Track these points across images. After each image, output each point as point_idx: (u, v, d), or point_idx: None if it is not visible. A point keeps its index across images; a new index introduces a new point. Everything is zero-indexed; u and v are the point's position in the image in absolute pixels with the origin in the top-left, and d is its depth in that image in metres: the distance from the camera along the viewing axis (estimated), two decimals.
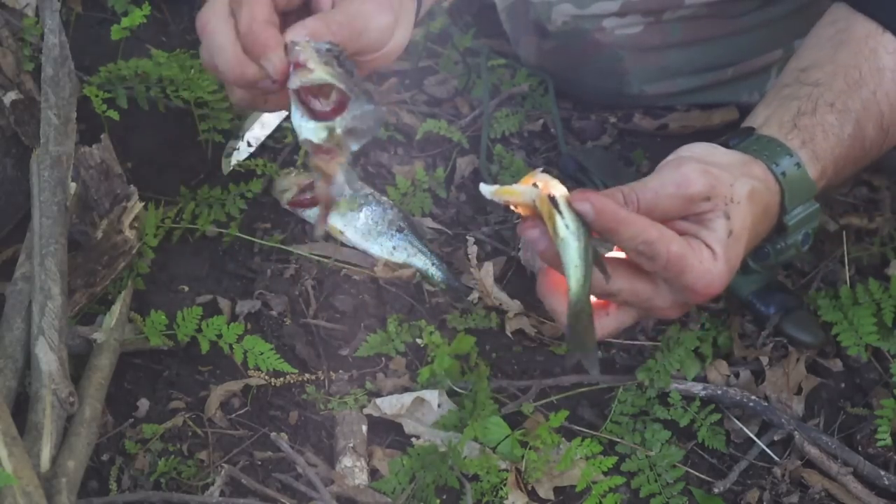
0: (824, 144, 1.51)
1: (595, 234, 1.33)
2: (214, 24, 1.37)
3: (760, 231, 1.46)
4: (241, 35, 1.35)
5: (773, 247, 1.51)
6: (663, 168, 1.41)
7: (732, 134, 1.53)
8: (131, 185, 1.74)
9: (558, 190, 1.32)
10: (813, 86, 1.54)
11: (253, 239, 1.80)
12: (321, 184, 1.30)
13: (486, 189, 1.34)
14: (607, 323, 1.42)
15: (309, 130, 1.28)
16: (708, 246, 1.38)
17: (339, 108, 1.29)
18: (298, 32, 1.33)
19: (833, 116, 1.52)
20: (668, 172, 1.40)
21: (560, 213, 1.32)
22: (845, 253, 1.82)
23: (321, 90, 1.29)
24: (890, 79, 1.54)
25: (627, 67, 1.97)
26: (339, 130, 1.28)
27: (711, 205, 1.38)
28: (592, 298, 1.36)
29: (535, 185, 1.33)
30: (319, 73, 1.27)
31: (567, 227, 1.31)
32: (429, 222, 1.87)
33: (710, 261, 1.37)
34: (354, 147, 1.31)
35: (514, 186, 1.34)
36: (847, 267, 1.81)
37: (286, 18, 1.39)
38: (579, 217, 1.31)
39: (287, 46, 1.31)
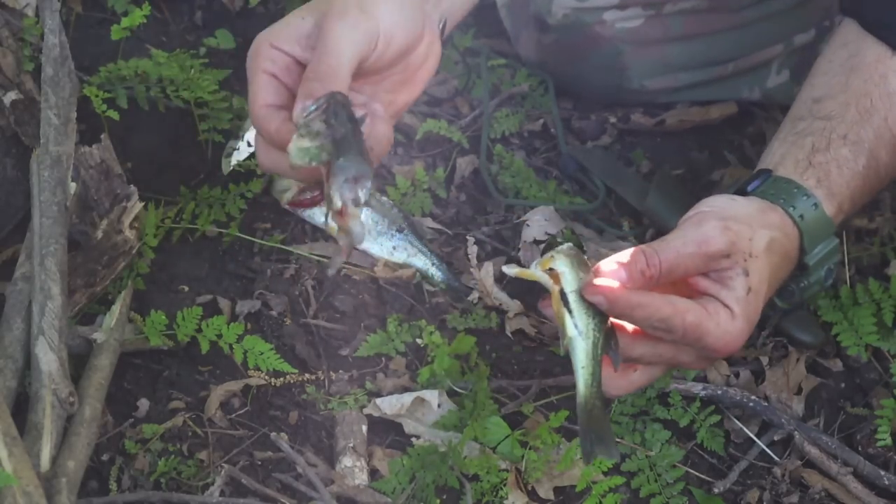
0: (839, 180, 1.53)
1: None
2: (263, 159, 1.42)
3: (781, 276, 1.49)
4: (272, 145, 1.39)
5: (797, 286, 1.54)
6: (684, 225, 1.44)
7: (750, 177, 1.55)
8: (131, 185, 1.74)
9: (573, 275, 1.35)
10: (826, 119, 1.56)
11: (253, 239, 1.80)
12: (343, 239, 1.34)
13: (508, 270, 1.39)
14: (637, 378, 1.45)
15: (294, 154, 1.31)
16: (726, 306, 1.40)
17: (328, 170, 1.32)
18: (294, 112, 1.35)
19: (847, 150, 1.54)
20: (689, 230, 1.42)
21: (570, 311, 1.35)
22: (845, 253, 1.82)
23: None
24: None
25: (628, 61, 1.97)
26: (334, 193, 1.31)
27: (731, 262, 1.41)
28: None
29: (552, 269, 1.36)
30: (294, 159, 1.30)
31: (576, 326, 1.35)
32: (429, 222, 1.87)
33: (729, 321, 1.40)
34: (362, 193, 1.33)
35: (536, 272, 1.37)
36: (847, 267, 1.81)
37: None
38: (592, 307, 1.35)
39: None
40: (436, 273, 1.80)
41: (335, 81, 1.36)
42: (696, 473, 1.64)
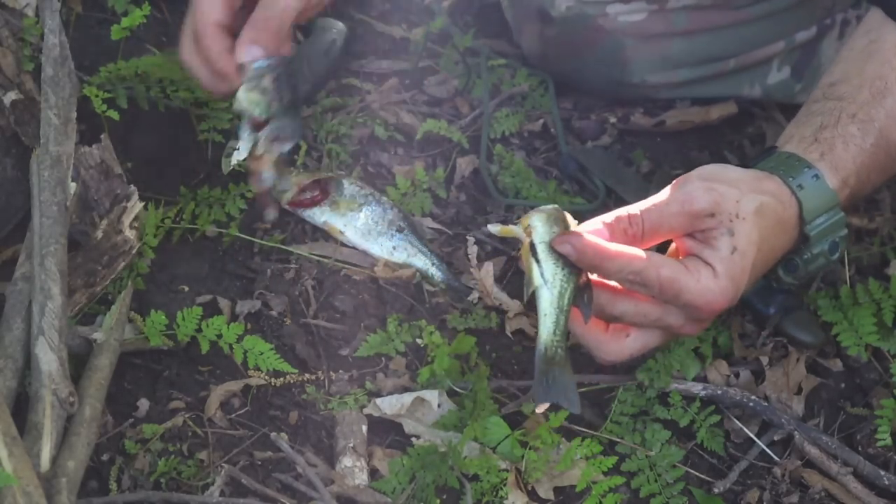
0: (845, 155, 1.53)
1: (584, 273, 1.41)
2: (188, 60, 1.63)
3: (776, 244, 1.49)
4: (208, 64, 1.62)
5: (800, 258, 1.54)
6: (670, 186, 1.46)
7: (757, 155, 1.57)
8: (131, 185, 1.74)
9: (544, 228, 1.40)
10: (837, 100, 1.57)
11: (253, 239, 1.80)
12: (252, 178, 1.63)
13: (493, 228, 1.46)
14: (629, 343, 1.48)
15: (242, 141, 1.63)
16: (708, 264, 1.42)
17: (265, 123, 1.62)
18: (241, 53, 1.59)
19: (855, 127, 1.54)
20: (673, 190, 1.45)
21: (538, 261, 1.39)
22: (845, 253, 1.82)
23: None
24: None
25: (630, 56, 1.97)
26: (262, 140, 1.62)
27: (715, 221, 1.43)
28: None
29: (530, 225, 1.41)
30: (241, 103, 1.61)
31: (542, 275, 1.39)
32: (429, 222, 1.87)
33: (710, 278, 1.42)
34: (284, 149, 1.64)
35: (513, 228, 1.44)
36: (847, 267, 1.81)
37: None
38: (562, 259, 1.39)
39: (239, 67, 1.60)
40: (436, 273, 1.80)
41: (280, 37, 1.59)
42: (696, 473, 1.64)
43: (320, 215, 1.83)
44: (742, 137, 2.05)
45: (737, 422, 1.67)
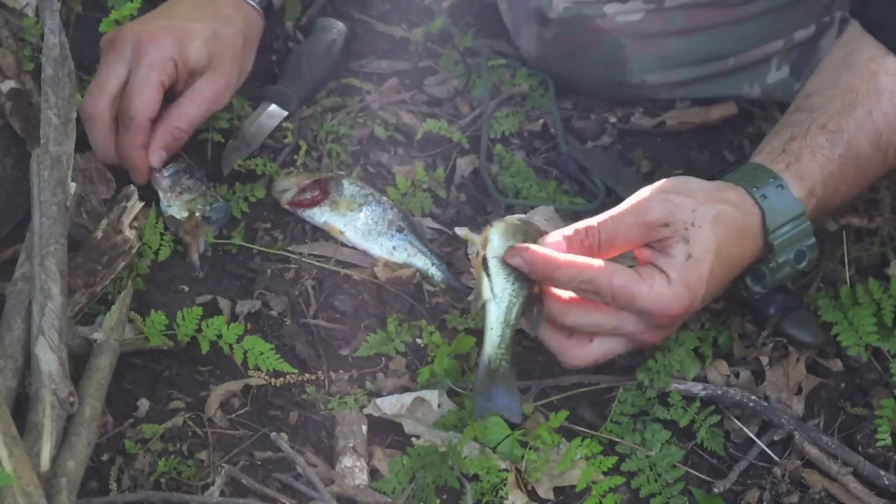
0: (811, 165, 1.56)
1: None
2: (97, 120, 1.74)
3: (737, 252, 1.52)
4: (118, 149, 1.75)
5: (767, 267, 1.58)
6: (629, 198, 1.52)
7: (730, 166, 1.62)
8: (131, 185, 1.74)
9: (499, 242, 1.48)
10: (809, 111, 1.60)
11: (252, 246, 1.80)
12: (192, 248, 1.77)
13: (459, 231, 1.63)
14: (593, 349, 1.54)
15: (174, 210, 1.79)
16: (663, 271, 1.47)
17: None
18: (155, 158, 1.77)
19: (823, 137, 1.57)
20: (630, 201, 1.51)
21: (489, 275, 1.47)
22: (845, 253, 1.82)
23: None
24: (889, 100, 1.57)
25: (628, 56, 1.97)
26: (202, 228, 1.79)
27: (670, 231, 1.48)
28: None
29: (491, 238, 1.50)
30: (174, 209, 1.78)
31: (491, 289, 1.47)
32: (429, 222, 1.87)
33: (664, 286, 1.46)
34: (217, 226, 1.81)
35: (475, 237, 1.53)
36: (847, 267, 1.81)
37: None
38: (514, 274, 1.46)
39: (150, 171, 1.78)
40: (436, 273, 1.80)
41: (185, 140, 1.79)
42: (696, 473, 1.64)
43: (320, 215, 1.83)
44: (742, 137, 2.05)
45: (737, 422, 1.67)
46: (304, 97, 2.00)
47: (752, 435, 1.66)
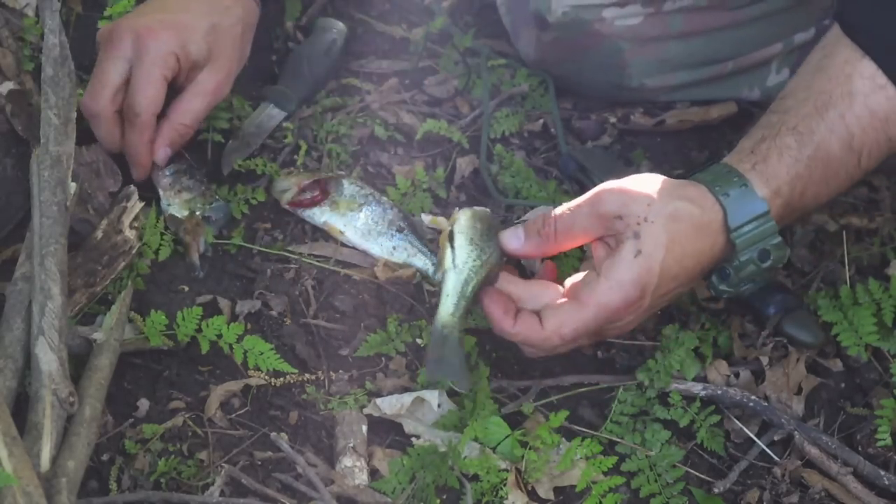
0: (778, 165, 1.57)
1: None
2: (102, 116, 1.74)
3: (693, 249, 1.54)
4: (124, 145, 1.76)
5: (731, 265, 1.59)
6: (590, 190, 1.57)
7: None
8: (131, 185, 1.74)
9: (467, 221, 1.58)
10: (782, 113, 1.61)
11: (253, 246, 1.80)
12: (192, 248, 1.77)
13: (425, 217, 1.72)
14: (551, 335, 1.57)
15: (174, 209, 1.79)
16: (600, 273, 1.53)
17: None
18: (160, 155, 1.78)
19: (793, 138, 1.58)
20: (588, 193, 1.56)
21: (453, 247, 1.55)
22: (845, 253, 1.82)
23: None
24: (862, 103, 1.57)
25: (627, 60, 1.97)
26: (203, 226, 1.80)
27: (623, 224, 1.52)
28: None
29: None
30: (175, 208, 1.79)
31: (453, 261, 1.56)
32: (429, 221, 1.87)
33: (601, 290, 1.52)
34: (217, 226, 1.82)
35: (441, 219, 1.63)
36: (847, 267, 1.81)
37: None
38: (477, 253, 1.55)
39: (153, 167, 1.80)
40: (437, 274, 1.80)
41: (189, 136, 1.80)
42: (696, 473, 1.64)
43: (320, 215, 1.83)
44: (742, 137, 2.05)
45: (737, 422, 1.67)
46: (304, 97, 2.00)
47: (752, 435, 1.66)
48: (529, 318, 1.56)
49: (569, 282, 1.60)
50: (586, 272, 1.57)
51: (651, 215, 1.52)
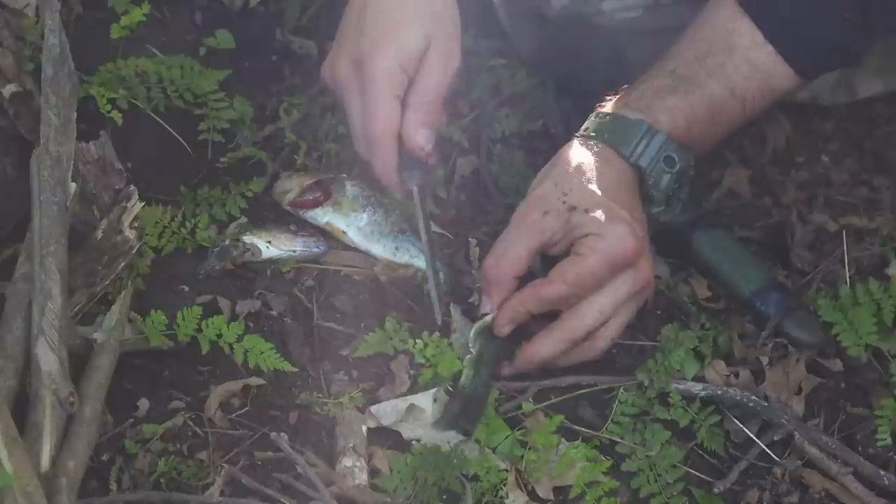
0: (653, 99, 1.68)
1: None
2: (352, 117, 1.70)
3: (600, 180, 1.63)
4: (372, 167, 1.72)
5: (651, 186, 1.67)
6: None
7: None
8: (131, 185, 1.74)
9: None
10: (664, 59, 1.71)
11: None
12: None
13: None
14: (607, 333, 1.64)
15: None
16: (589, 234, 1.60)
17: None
18: (418, 137, 1.70)
19: (669, 80, 1.69)
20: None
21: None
22: (845, 253, 1.82)
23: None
24: (742, 56, 1.67)
25: (627, 53, 1.96)
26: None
27: (553, 217, 1.61)
28: None
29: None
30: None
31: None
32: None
33: (601, 239, 1.59)
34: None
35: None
36: (847, 267, 1.81)
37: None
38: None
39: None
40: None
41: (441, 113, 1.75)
42: (696, 473, 1.64)
43: (322, 216, 1.83)
44: (742, 137, 2.05)
45: (737, 422, 1.67)
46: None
47: (752, 435, 1.66)
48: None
49: None
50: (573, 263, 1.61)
51: (566, 197, 1.61)
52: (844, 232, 1.86)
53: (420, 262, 1.80)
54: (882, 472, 1.62)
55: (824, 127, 2.08)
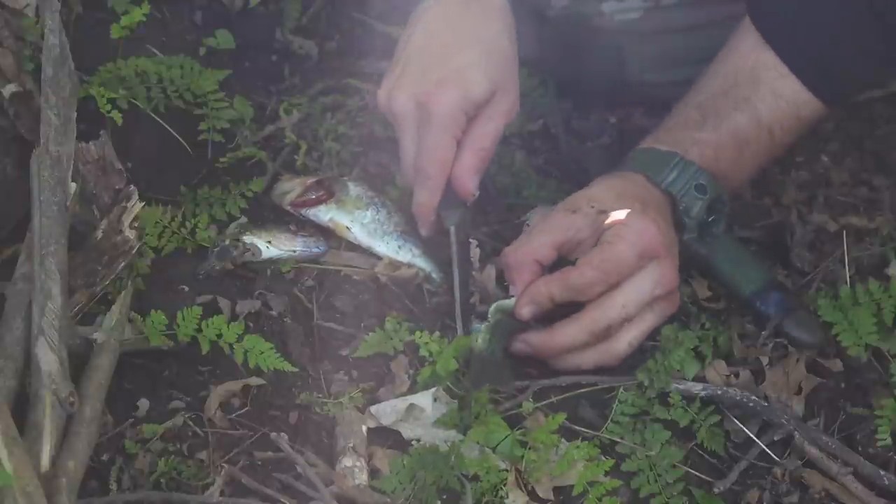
0: (682, 132, 1.71)
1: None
2: (405, 148, 1.74)
3: (630, 193, 1.65)
4: (418, 174, 1.73)
5: (681, 211, 1.69)
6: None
7: None
8: (131, 185, 1.74)
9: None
10: (693, 93, 1.74)
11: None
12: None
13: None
14: (625, 336, 1.65)
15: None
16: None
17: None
18: (472, 184, 1.74)
19: (696, 112, 1.72)
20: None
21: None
22: (845, 253, 1.82)
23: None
24: (768, 87, 1.69)
25: (627, 55, 1.97)
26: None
27: (583, 214, 1.64)
28: None
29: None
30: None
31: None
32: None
33: (625, 234, 1.60)
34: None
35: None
36: (847, 267, 1.81)
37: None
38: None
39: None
40: (438, 276, 1.80)
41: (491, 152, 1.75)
42: (696, 473, 1.64)
43: (326, 213, 1.83)
44: None
45: (737, 422, 1.67)
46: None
47: (752, 435, 1.66)
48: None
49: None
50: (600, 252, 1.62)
51: (590, 194, 1.65)
52: (844, 232, 1.86)
53: (421, 262, 1.80)
54: (882, 472, 1.62)
55: (824, 127, 2.08)
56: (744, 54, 1.70)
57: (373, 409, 1.63)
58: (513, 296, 1.65)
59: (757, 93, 1.69)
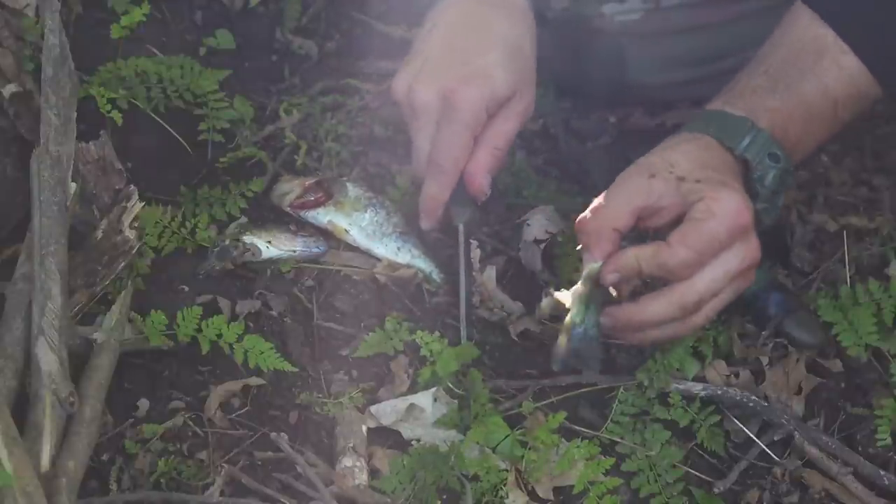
0: (752, 98, 1.66)
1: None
2: (421, 141, 1.72)
3: (706, 160, 1.60)
4: (422, 190, 1.73)
5: (754, 179, 1.62)
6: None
7: None
8: (131, 185, 1.74)
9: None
10: (756, 62, 1.69)
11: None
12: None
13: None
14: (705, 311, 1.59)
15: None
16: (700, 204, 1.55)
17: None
18: (486, 184, 1.72)
19: (763, 79, 1.66)
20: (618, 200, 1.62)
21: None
22: (845, 253, 1.82)
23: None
24: (831, 59, 1.64)
25: (628, 56, 1.96)
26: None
27: (662, 180, 1.58)
28: None
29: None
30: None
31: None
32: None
33: (714, 208, 1.54)
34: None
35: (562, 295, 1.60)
36: (847, 267, 1.81)
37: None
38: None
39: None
40: (438, 277, 1.80)
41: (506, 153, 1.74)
42: (696, 473, 1.64)
43: (324, 215, 1.83)
44: None
45: (737, 422, 1.67)
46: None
47: (752, 435, 1.66)
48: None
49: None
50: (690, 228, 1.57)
51: (666, 155, 1.60)
52: (844, 232, 1.86)
53: (420, 263, 1.80)
54: (882, 472, 1.62)
55: None
56: (802, 29, 1.66)
57: (373, 409, 1.63)
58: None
59: (821, 62, 1.64)
